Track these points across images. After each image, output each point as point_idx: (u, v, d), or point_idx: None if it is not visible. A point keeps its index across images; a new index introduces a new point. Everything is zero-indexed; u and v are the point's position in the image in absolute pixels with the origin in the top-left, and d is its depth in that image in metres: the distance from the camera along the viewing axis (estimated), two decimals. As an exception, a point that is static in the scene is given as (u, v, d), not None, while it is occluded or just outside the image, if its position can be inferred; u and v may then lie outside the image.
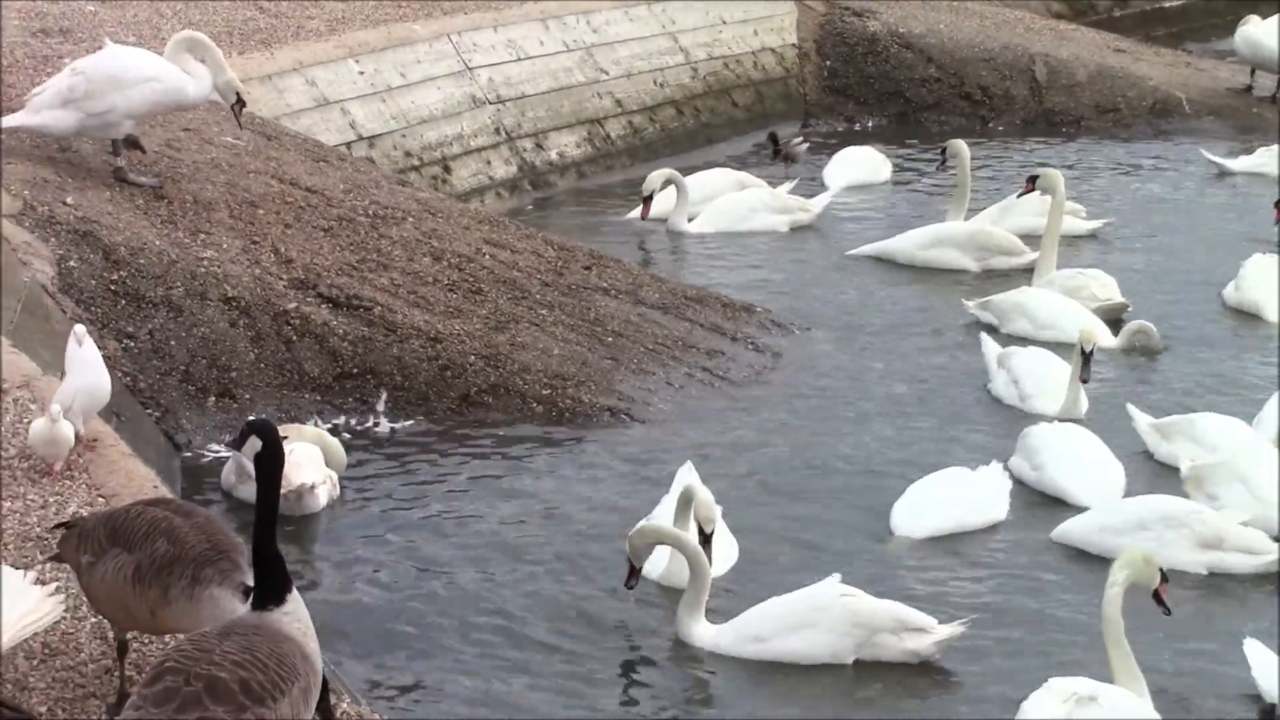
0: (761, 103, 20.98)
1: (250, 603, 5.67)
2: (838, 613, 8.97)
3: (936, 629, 9.02)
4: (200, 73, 12.30)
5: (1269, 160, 18.44)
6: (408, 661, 9.02)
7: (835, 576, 9.23)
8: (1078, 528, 10.36)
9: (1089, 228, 16.48)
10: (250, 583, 5.83)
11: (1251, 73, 21.48)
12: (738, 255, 16.02)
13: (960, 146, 16.67)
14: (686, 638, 9.19)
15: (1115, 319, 13.86)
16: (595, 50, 19.36)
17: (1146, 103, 21.12)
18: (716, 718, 8.79)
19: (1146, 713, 8.33)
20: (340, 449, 10.91)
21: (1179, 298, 14.85)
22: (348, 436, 11.46)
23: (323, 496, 10.48)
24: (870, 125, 21.19)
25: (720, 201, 16.77)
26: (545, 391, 11.99)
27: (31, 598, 6.18)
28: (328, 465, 10.64)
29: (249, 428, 5.71)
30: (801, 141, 19.59)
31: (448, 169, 17.17)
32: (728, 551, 10.03)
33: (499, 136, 17.86)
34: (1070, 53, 21.72)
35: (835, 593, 9.06)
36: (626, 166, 18.86)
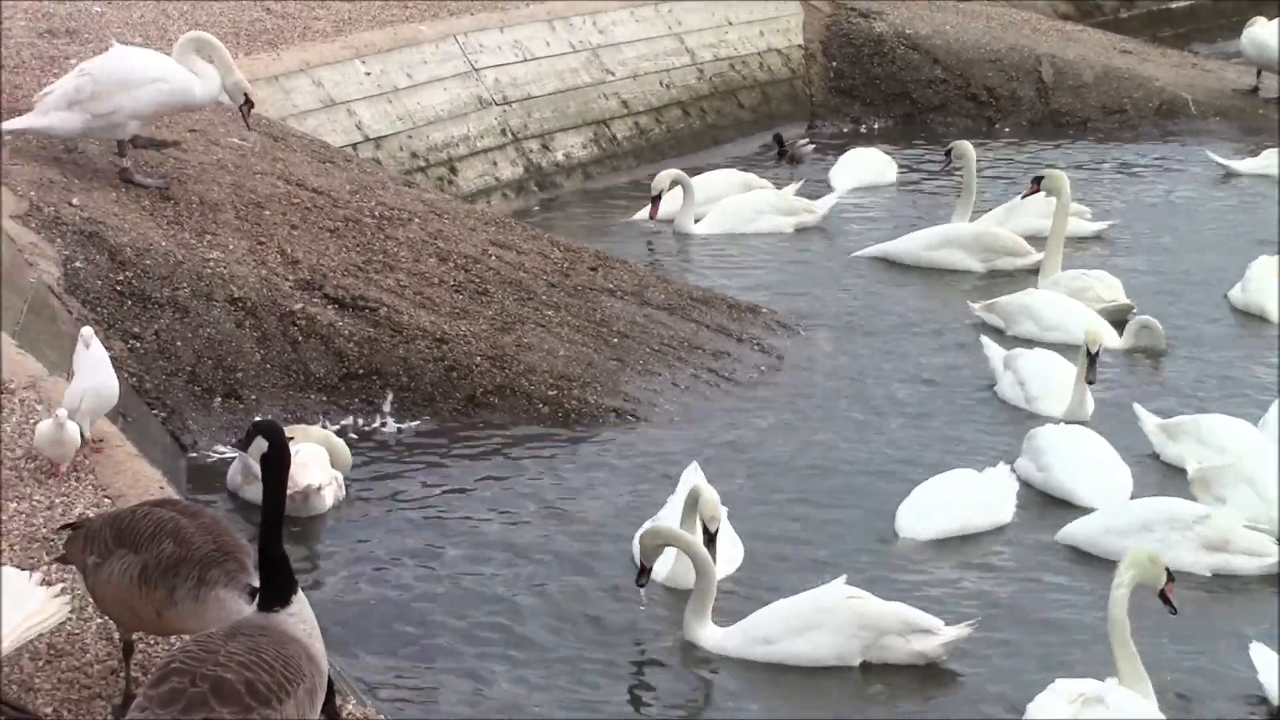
0: (767, 104, 20.97)
1: (256, 604, 5.68)
2: (844, 615, 8.95)
3: (943, 631, 9.00)
4: (208, 73, 12.28)
5: (1275, 162, 18.41)
6: (413, 662, 9.02)
7: (841, 579, 9.24)
8: (1082, 529, 10.35)
9: (1094, 229, 16.47)
10: (256, 584, 5.83)
11: (1258, 74, 21.47)
12: (743, 256, 16.02)
13: (965, 147, 16.67)
14: (693, 640, 9.18)
15: (1120, 320, 13.82)
16: (601, 51, 19.36)
17: (1153, 104, 21.11)
18: None
19: (1152, 714, 8.33)
20: (345, 450, 10.91)
21: (1184, 299, 14.83)
22: (354, 437, 11.46)
23: (329, 498, 10.48)
24: (876, 126, 21.18)
25: (726, 203, 16.78)
26: (551, 392, 11.99)
27: (37, 599, 6.18)
28: (333, 466, 10.63)
29: (255, 429, 5.71)
30: (807, 143, 19.57)
31: (454, 170, 17.17)
32: (732, 553, 10.02)
33: (505, 137, 17.86)
34: (1077, 54, 21.70)
35: (842, 595, 9.05)
36: (632, 167, 18.85)
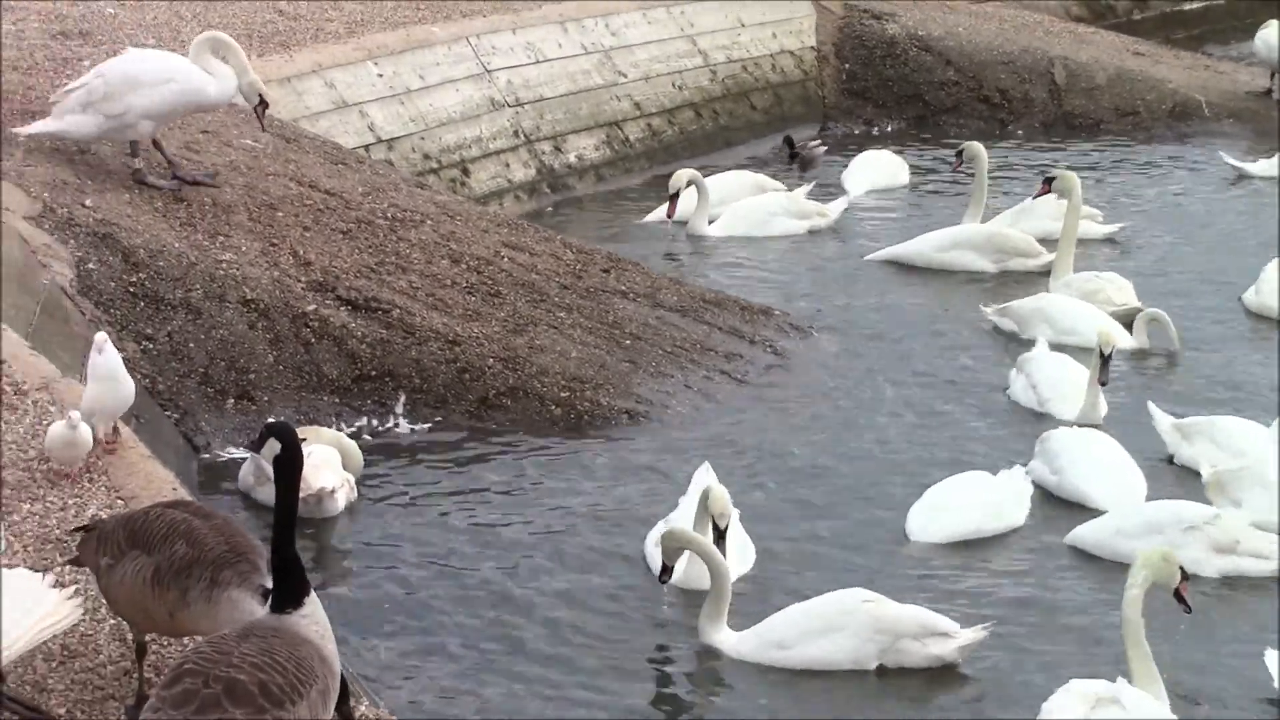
0: (780, 105, 20.96)
1: (269, 605, 5.67)
2: (861, 618, 8.93)
3: (960, 634, 8.99)
4: (224, 73, 12.24)
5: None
6: (426, 663, 9.01)
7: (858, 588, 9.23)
8: (1091, 532, 10.33)
9: (1106, 232, 16.44)
10: (269, 585, 5.83)
11: (1271, 76, 21.43)
12: (756, 259, 16.01)
13: (977, 148, 16.66)
14: (709, 644, 9.16)
15: (1131, 324, 13.77)
16: (614, 53, 19.35)
17: (1166, 106, 21.08)
18: (738, 724, 8.79)
19: (1165, 714, 8.31)
20: (358, 452, 10.90)
21: (1197, 302, 14.78)
22: (366, 439, 11.45)
23: (341, 500, 10.47)
24: (889, 128, 21.16)
25: (739, 205, 16.78)
26: (563, 394, 11.98)
27: (50, 601, 6.18)
28: (345, 468, 10.62)
29: (268, 430, 5.70)
30: (818, 144, 19.55)
31: (466, 172, 17.17)
32: (744, 554, 10.01)
33: (517, 139, 17.86)
34: (1089, 56, 21.67)
35: (858, 598, 9.04)
36: (645, 169, 18.85)
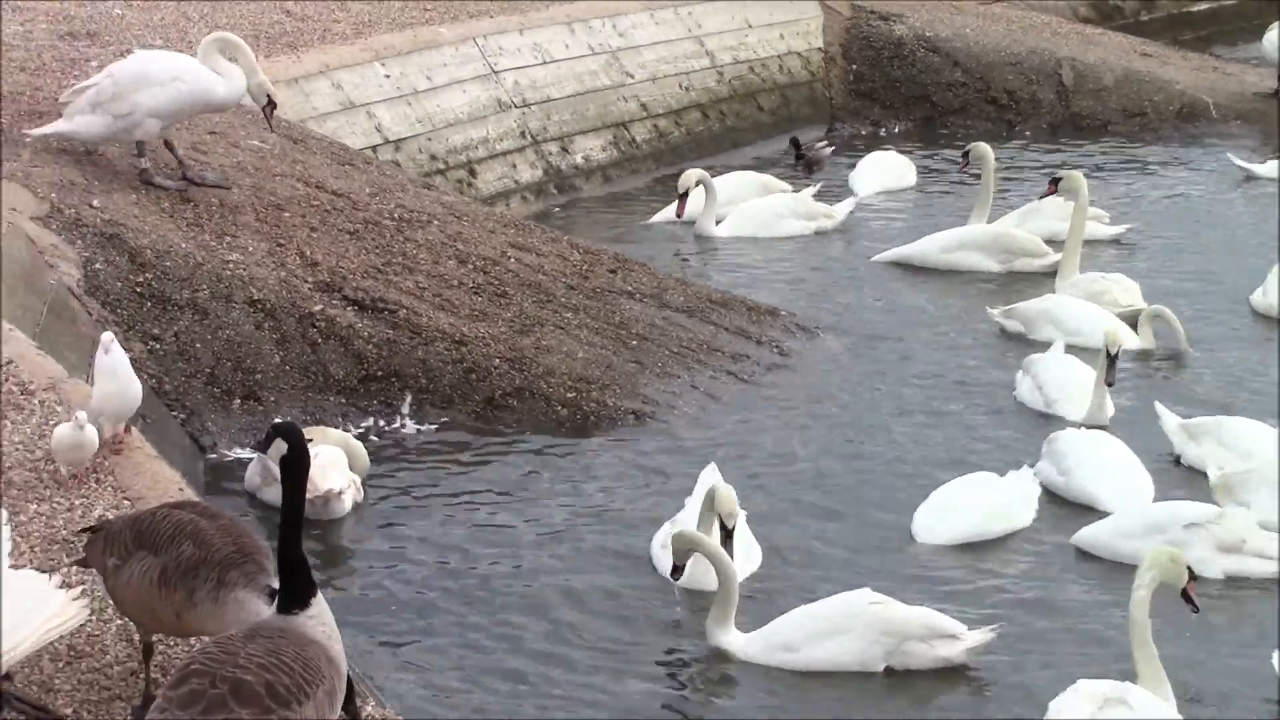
0: (787, 106, 20.95)
1: (275, 606, 5.67)
2: (868, 620, 8.92)
3: (967, 635, 8.97)
4: (233, 73, 12.24)
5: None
6: (433, 664, 9.01)
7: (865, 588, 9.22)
8: (1095, 534, 10.32)
9: (1112, 233, 16.43)
10: (275, 585, 5.83)
11: (1279, 77, 21.40)
12: (763, 259, 16.01)
13: (984, 149, 16.65)
14: (716, 645, 9.16)
15: (1136, 324, 13.76)
16: (621, 54, 19.35)
17: (1173, 107, 21.06)
18: (744, 725, 8.78)
19: (1171, 715, 8.31)
20: (364, 452, 10.90)
21: (1204, 303, 14.74)
22: (373, 439, 11.46)
23: (348, 501, 10.47)
24: (896, 129, 21.15)
25: (747, 206, 16.78)
26: (570, 395, 11.98)
27: (56, 601, 6.18)
28: (351, 469, 10.62)
29: (274, 431, 5.70)
30: (825, 146, 19.55)
31: (473, 172, 17.18)
32: (750, 555, 10.00)
33: (524, 140, 17.86)
34: (1097, 57, 21.66)
35: (865, 600, 9.03)
36: (652, 170, 18.85)
